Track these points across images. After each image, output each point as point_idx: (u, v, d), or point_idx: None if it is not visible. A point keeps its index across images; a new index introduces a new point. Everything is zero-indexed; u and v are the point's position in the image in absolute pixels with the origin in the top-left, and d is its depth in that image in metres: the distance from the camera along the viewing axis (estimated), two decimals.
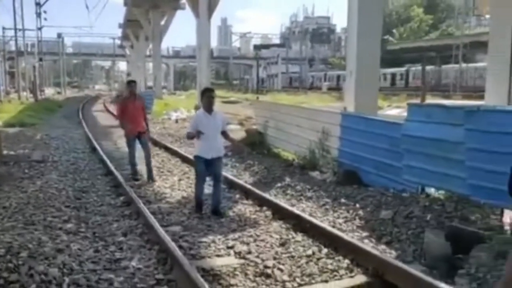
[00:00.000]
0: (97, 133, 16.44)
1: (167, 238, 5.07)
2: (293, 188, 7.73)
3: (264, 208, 6.62)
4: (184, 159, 10.62)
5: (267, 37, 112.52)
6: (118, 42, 72.22)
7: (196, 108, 24.33)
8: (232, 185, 8.03)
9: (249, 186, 7.76)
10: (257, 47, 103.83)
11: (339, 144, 8.45)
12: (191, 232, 5.64)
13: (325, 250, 4.95)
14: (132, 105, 8.66)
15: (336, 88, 52.46)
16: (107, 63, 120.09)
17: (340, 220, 6.06)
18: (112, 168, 9.27)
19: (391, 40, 65.86)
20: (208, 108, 6.34)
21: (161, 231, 5.32)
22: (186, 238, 5.40)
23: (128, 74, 71.60)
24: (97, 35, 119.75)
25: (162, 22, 37.04)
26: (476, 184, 5.49)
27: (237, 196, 7.42)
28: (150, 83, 51.00)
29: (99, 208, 6.57)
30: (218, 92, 31.23)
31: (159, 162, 10.71)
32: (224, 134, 6.61)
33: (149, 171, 8.66)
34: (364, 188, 7.13)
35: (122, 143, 13.96)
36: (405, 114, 7.29)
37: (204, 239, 5.38)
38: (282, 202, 6.73)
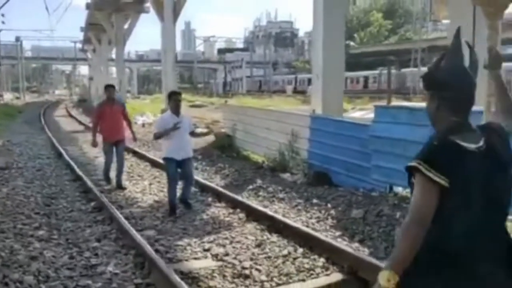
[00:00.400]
0: (61, 139, 16.10)
1: (143, 242, 5.06)
2: (265, 190, 7.81)
3: (238, 210, 6.67)
4: (154, 163, 10.55)
5: (230, 41, 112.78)
6: (79, 45, 70.72)
7: (162, 112, 24.17)
8: (204, 188, 8.05)
9: (221, 189, 7.80)
10: (221, 51, 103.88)
11: (308, 146, 8.61)
12: (166, 236, 5.64)
13: (300, 250, 5.04)
14: (109, 111, 8.33)
15: (302, 92, 53.01)
16: (67, 67, 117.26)
17: (313, 220, 6.17)
18: (80, 173, 9.13)
19: (352, 44, 67.26)
20: (175, 111, 6.49)
21: (136, 235, 5.31)
22: (161, 242, 5.40)
23: (90, 79, 70.12)
24: (58, 38, 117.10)
25: (126, 26, 36.49)
26: None
27: (210, 199, 7.44)
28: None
29: (70, 214, 6.47)
30: (183, 96, 31.18)
31: (128, 166, 10.58)
32: (192, 133, 6.94)
33: (119, 180, 8.39)
34: (335, 189, 7.29)
35: (88, 148, 13.78)
36: (368, 116, 7.52)
37: (180, 243, 5.39)
38: (255, 204, 6.80)
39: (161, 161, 8.05)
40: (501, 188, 1.92)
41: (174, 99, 6.53)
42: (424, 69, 2.37)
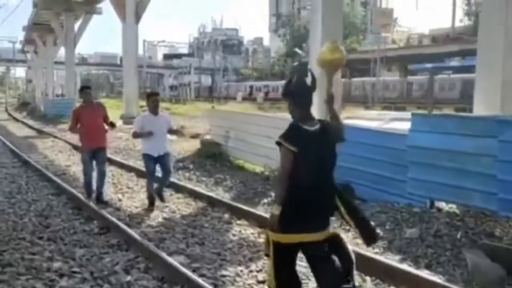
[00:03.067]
0: (18, 144, 14.59)
1: (188, 273, 4.21)
2: None
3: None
4: (139, 173, 9.52)
5: (173, 47, 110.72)
6: (18, 46, 66.62)
7: (122, 117, 22.77)
8: (213, 202, 7.22)
9: (234, 204, 7.00)
10: (167, 57, 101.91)
11: None
12: (202, 263, 4.78)
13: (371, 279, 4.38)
14: (88, 115, 7.32)
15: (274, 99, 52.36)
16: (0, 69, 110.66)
17: (360, 241, 5.51)
18: (64, 185, 8.02)
19: (300, 53, 67.98)
20: (154, 111, 6.81)
21: (175, 264, 4.44)
22: (202, 271, 4.55)
23: (29, 81, 66.40)
24: None
25: (76, 27, 34.50)
26: (509, 199, 5.25)
27: (226, 215, 6.60)
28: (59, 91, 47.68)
29: (76, 237, 5.41)
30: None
31: (110, 177, 9.51)
32: (171, 131, 7.26)
33: (99, 193, 7.42)
34: (368, 204, 6.69)
35: (52, 155, 12.50)
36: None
37: (225, 272, 4.56)
38: None
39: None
40: (329, 155, 3.40)
41: (152, 99, 6.84)
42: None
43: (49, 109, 28.30)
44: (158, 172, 7.15)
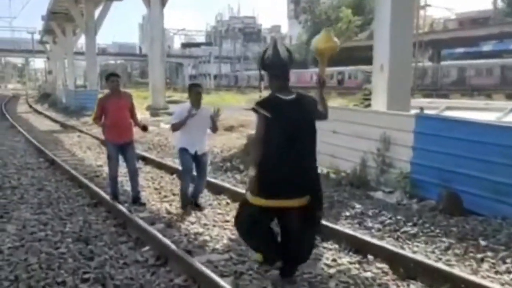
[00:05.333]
0: (42, 141, 13.42)
1: None
2: (374, 219, 5.71)
3: (370, 257, 4.55)
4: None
5: (189, 35, 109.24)
6: (37, 37, 65.90)
7: (148, 109, 21.55)
8: None
9: None
10: (185, 45, 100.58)
11: (411, 156, 6.56)
12: None
13: None
14: (114, 105, 6.51)
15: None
16: (19, 61, 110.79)
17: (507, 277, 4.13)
18: (101, 192, 6.77)
19: None
20: (197, 104, 6.13)
21: None
22: None
23: (49, 72, 65.73)
24: (14, 28, 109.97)
25: (97, 14, 33.32)
26: None
27: None
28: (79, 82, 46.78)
29: (128, 274, 4.11)
30: (147, 93, 28.38)
31: (149, 179, 8.28)
32: (214, 127, 6.22)
33: (136, 191, 6.73)
34: (482, 219, 5.28)
35: (80, 153, 11.31)
36: None
37: None
38: (390, 246, 4.71)
39: None
40: (303, 122, 3.78)
41: (195, 91, 6.16)
42: None
43: (71, 101, 27.23)
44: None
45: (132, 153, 6.85)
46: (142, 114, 19.57)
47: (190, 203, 6.35)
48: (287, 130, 3.65)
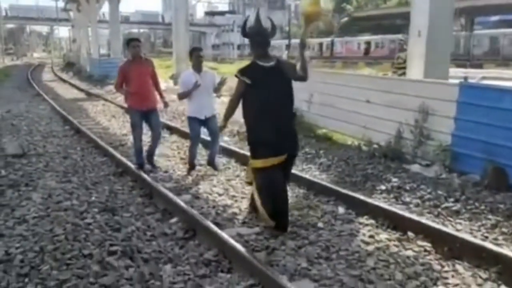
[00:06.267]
0: (67, 108, 13.35)
1: None
2: (411, 193, 5.40)
3: (410, 234, 4.26)
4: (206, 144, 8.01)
5: (212, 3, 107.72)
6: (61, 4, 65.82)
7: (172, 77, 21.30)
8: (311, 187, 5.65)
9: (346, 192, 5.36)
10: (209, 14, 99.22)
11: (452, 128, 6.16)
12: None
13: None
14: (137, 71, 6.36)
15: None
16: (44, 29, 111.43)
17: None
18: (126, 162, 6.61)
19: (348, 8, 64.34)
20: (198, 68, 6.21)
21: None
22: None
23: (74, 41, 65.85)
24: None
25: None
26: None
27: (340, 209, 4.99)
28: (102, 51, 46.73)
29: (156, 247, 3.92)
30: (170, 62, 27.96)
31: (174, 148, 8.11)
32: (216, 89, 6.41)
33: (151, 155, 6.80)
34: None
35: (105, 121, 11.18)
36: None
37: None
38: (432, 223, 4.41)
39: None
40: (282, 87, 4.20)
41: (195, 55, 6.20)
42: None
43: (95, 69, 27.16)
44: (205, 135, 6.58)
45: (157, 120, 6.74)
46: (165, 83, 19.38)
47: (195, 166, 6.54)
48: (268, 93, 4.06)
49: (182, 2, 20.52)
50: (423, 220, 4.48)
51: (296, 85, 4.43)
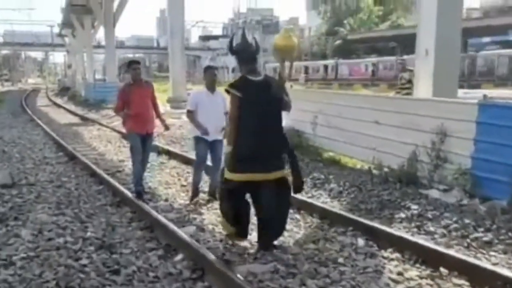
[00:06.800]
0: (61, 134, 12.96)
1: None
2: (434, 221, 4.98)
3: (443, 270, 3.83)
4: None
5: (207, 28, 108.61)
6: (56, 30, 65.94)
7: (169, 101, 20.96)
8: (325, 215, 5.24)
9: (364, 221, 4.95)
10: (203, 38, 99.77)
11: (472, 150, 5.78)
12: None
13: None
14: (137, 94, 6.17)
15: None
16: (39, 55, 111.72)
17: None
18: (124, 190, 6.18)
19: (341, 31, 64.76)
20: (211, 87, 5.90)
21: None
22: None
23: (69, 66, 65.82)
24: (33, 22, 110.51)
25: (115, 6, 32.83)
26: None
27: (360, 241, 4.56)
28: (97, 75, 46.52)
29: None
30: (166, 86, 27.72)
31: (174, 175, 7.69)
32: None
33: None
34: None
35: (101, 147, 10.77)
36: None
37: None
38: (464, 256, 3.99)
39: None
40: (271, 102, 4.10)
41: (209, 73, 5.94)
42: None
43: (90, 94, 26.84)
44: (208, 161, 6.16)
45: (150, 144, 6.61)
46: (163, 106, 19.04)
47: (199, 193, 6.14)
48: (256, 108, 4.02)
49: (178, 26, 20.32)
50: (456, 254, 4.05)
51: (299, 106, 4.39)
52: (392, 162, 6.84)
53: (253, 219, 4.50)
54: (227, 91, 4.15)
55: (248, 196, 4.34)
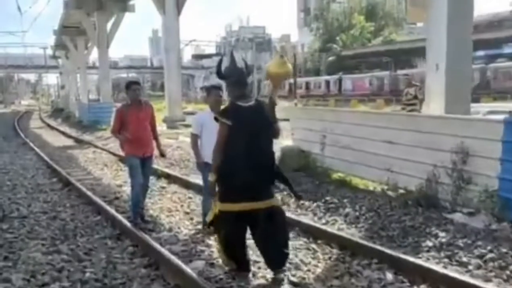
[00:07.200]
0: (56, 157, 12.48)
1: None
2: (466, 250, 4.55)
3: None
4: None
5: (200, 47, 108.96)
6: (49, 52, 65.72)
7: (165, 121, 20.55)
8: (344, 245, 4.81)
9: (387, 251, 4.52)
10: (196, 57, 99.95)
11: (498, 170, 5.39)
12: None
13: None
14: (135, 116, 5.86)
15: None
16: (31, 77, 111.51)
17: None
18: (123, 221, 5.72)
19: (335, 47, 64.98)
20: (216, 108, 5.35)
21: None
22: None
23: (62, 87, 65.48)
24: (26, 44, 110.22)
25: (109, 26, 32.58)
26: None
27: (389, 275, 4.12)
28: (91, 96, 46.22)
29: None
30: (160, 105, 27.35)
31: (176, 201, 7.24)
32: None
33: (141, 208, 6.09)
34: None
35: (97, 171, 10.31)
36: None
37: None
38: None
39: None
40: (262, 128, 3.95)
41: (214, 93, 5.50)
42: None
43: (84, 114, 26.38)
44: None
45: (150, 168, 6.31)
46: (159, 126, 18.61)
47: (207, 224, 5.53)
48: (247, 135, 3.89)
49: (173, 43, 20.04)
50: None
51: (305, 125, 4.14)
52: (409, 183, 6.46)
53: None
54: (216, 119, 4.03)
55: (242, 226, 4.12)
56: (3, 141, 17.95)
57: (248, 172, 3.86)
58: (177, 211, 6.74)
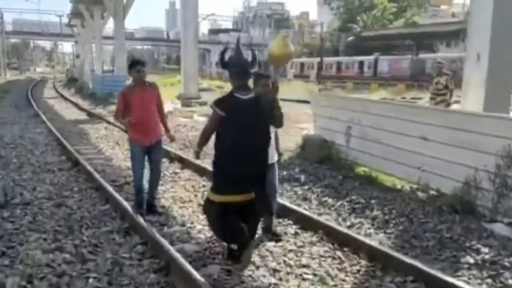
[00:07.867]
0: (66, 133, 12.12)
1: None
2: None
3: None
4: None
5: (216, 21, 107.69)
6: (65, 20, 65.17)
7: (180, 98, 20.06)
8: (373, 255, 4.34)
9: (424, 268, 4.03)
10: (213, 31, 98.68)
11: None
12: None
13: None
14: (139, 98, 5.36)
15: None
16: (47, 44, 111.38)
17: None
18: (134, 215, 5.27)
19: (355, 27, 63.59)
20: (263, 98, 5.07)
21: None
22: None
23: (77, 56, 65.14)
24: (42, 11, 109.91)
25: None
26: None
27: None
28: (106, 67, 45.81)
29: None
30: (174, 80, 26.55)
31: (190, 189, 6.83)
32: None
33: (153, 197, 5.75)
34: None
35: (108, 150, 9.92)
36: None
37: None
38: None
39: None
40: (257, 122, 3.92)
41: (263, 84, 4.84)
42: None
43: (98, 87, 26.01)
44: None
45: (159, 155, 5.78)
46: (172, 104, 18.13)
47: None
48: (240, 129, 3.86)
49: (191, 18, 19.40)
50: None
51: (329, 114, 3.64)
52: (441, 184, 5.94)
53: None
54: (211, 107, 4.04)
55: (228, 212, 4.05)
56: (15, 110, 17.64)
57: (237, 164, 3.91)
58: (191, 201, 6.31)
